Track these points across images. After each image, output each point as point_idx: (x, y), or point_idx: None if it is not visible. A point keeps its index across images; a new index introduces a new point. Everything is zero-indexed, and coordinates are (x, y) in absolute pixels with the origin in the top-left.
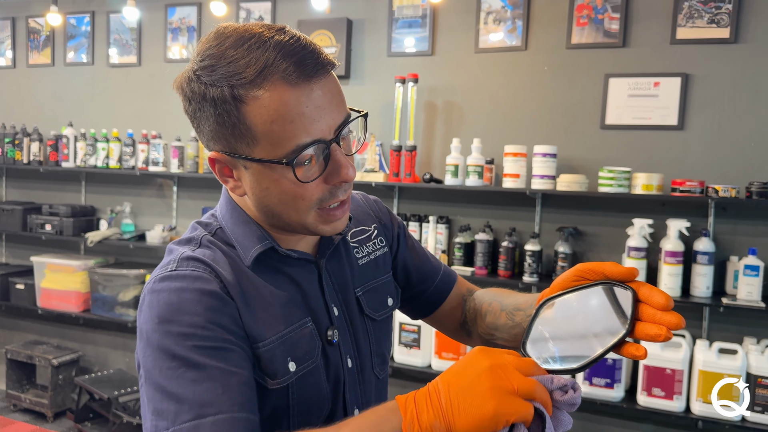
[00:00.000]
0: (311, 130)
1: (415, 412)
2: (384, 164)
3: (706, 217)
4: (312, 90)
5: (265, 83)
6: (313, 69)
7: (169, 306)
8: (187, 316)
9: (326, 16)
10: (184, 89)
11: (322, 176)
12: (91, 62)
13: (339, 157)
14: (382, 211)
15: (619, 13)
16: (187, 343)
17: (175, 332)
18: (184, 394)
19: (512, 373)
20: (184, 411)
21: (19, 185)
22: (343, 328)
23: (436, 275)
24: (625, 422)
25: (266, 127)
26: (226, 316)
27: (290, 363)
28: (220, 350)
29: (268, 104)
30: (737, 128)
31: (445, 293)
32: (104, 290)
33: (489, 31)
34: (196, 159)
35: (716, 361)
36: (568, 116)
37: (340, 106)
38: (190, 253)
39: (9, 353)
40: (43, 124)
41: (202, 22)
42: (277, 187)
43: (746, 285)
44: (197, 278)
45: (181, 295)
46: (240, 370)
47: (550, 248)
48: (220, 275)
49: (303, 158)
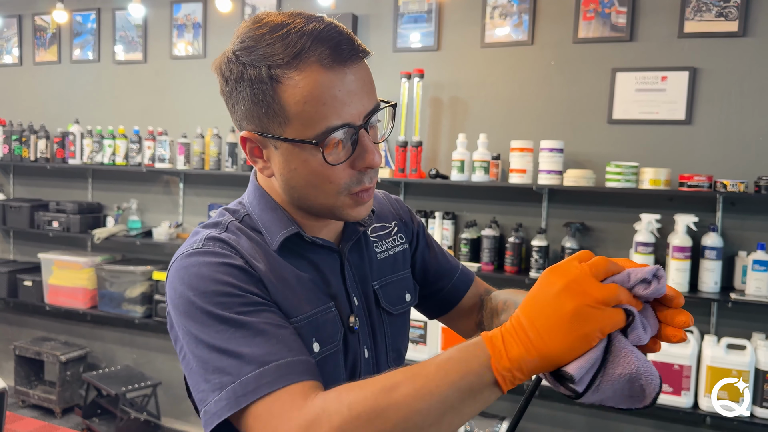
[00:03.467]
0: (342, 114)
1: (503, 348)
2: (390, 160)
3: (714, 212)
4: (345, 74)
5: (301, 65)
6: (348, 54)
7: (201, 277)
8: (221, 285)
9: (331, 12)
10: (222, 69)
11: (349, 160)
12: (97, 59)
13: (366, 142)
14: (403, 209)
15: (626, 7)
16: (229, 308)
17: (215, 300)
18: (242, 350)
19: (590, 284)
20: (245, 363)
21: (27, 182)
22: (362, 318)
23: (453, 274)
24: (632, 418)
25: (299, 107)
26: (254, 287)
27: (315, 344)
28: (261, 310)
29: (303, 85)
30: (746, 122)
31: (462, 292)
32: (111, 287)
33: (495, 25)
34: (202, 156)
35: (724, 356)
36: (574, 111)
37: (371, 94)
38: (216, 234)
39: (17, 349)
40: (49, 122)
41: (207, 18)
42: (306, 168)
43: (755, 280)
44: (223, 254)
45: (211, 268)
46: (286, 323)
47: (557, 244)
48: (244, 256)
49: (332, 141)
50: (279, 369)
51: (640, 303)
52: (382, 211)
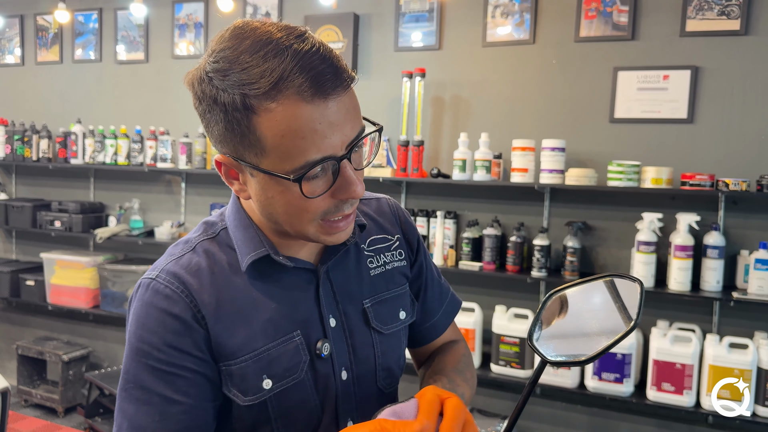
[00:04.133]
0: (322, 147)
1: None
2: (391, 159)
3: (716, 210)
4: (327, 107)
5: (279, 96)
6: (331, 85)
7: (138, 319)
8: (147, 334)
9: (333, 11)
10: (195, 88)
11: (329, 191)
12: (98, 59)
13: (348, 173)
14: (409, 225)
15: (628, 6)
16: (142, 361)
17: (136, 347)
18: (128, 412)
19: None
20: (124, 428)
21: (29, 182)
22: (339, 340)
23: (433, 316)
24: (634, 417)
25: (276, 140)
26: (187, 339)
27: (265, 381)
28: (170, 374)
29: (280, 118)
30: (748, 121)
31: (430, 338)
32: (113, 286)
33: (497, 24)
34: (204, 155)
35: (727, 355)
36: (576, 110)
37: (355, 121)
38: (173, 267)
39: (20, 349)
40: (51, 122)
41: (209, 18)
42: (282, 198)
43: (757, 279)
44: (166, 297)
45: (149, 311)
46: (184, 399)
47: (559, 243)
48: (193, 295)
49: (311, 174)
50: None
51: None
52: (387, 221)
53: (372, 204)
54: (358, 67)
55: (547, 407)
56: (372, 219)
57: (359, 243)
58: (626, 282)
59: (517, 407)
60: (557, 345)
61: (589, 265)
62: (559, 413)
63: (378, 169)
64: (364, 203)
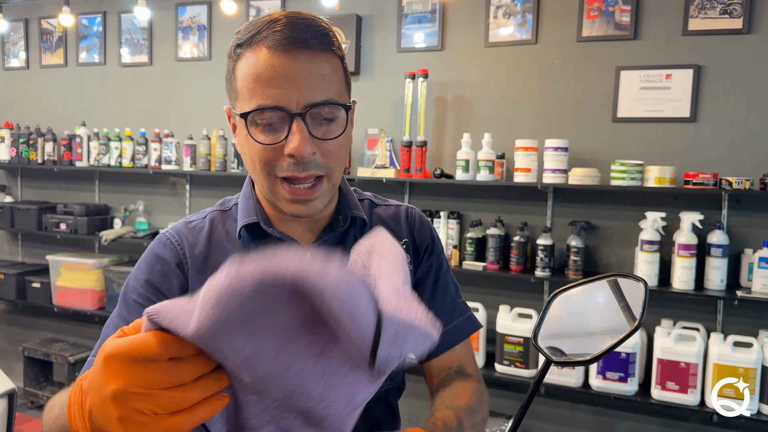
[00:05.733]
0: (273, 95)
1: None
2: (395, 160)
3: (719, 209)
4: (286, 60)
5: (254, 45)
6: (299, 41)
7: (139, 261)
8: (138, 272)
9: (335, 13)
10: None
11: (278, 144)
12: (103, 62)
13: (295, 130)
14: (421, 232)
15: (630, 5)
16: (128, 294)
17: (127, 283)
18: (108, 328)
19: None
20: (100, 341)
21: (34, 185)
22: None
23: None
24: (639, 416)
25: (241, 82)
26: (167, 282)
27: None
28: (143, 308)
29: (247, 62)
30: (751, 120)
31: (437, 352)
32: (119, 288)
33: (499, 25)
34: (208, 157)
35: (731, 354)
36: (579, 110)
37: (320, 88)
38: (181, 226)
39: (26, 351)
40: (56, 124)
41: (212, 20)
42: (246, 143)
43: (761, 277)
44: (164, 245)
45: (147, 255)
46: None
47: (563, 242)
48: (186, 248)
49: (262, 119)
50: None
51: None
52: (394, 224)
53: (390, 209)
54: (360, 68)
55: (551, 406)
56: (383, 222)
57: (358, 239)
58: (630, 281)
59: (523, 406)
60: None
61: (592, 264)
62: (564, 412)
63: (381, 169)
64: (382, 208)
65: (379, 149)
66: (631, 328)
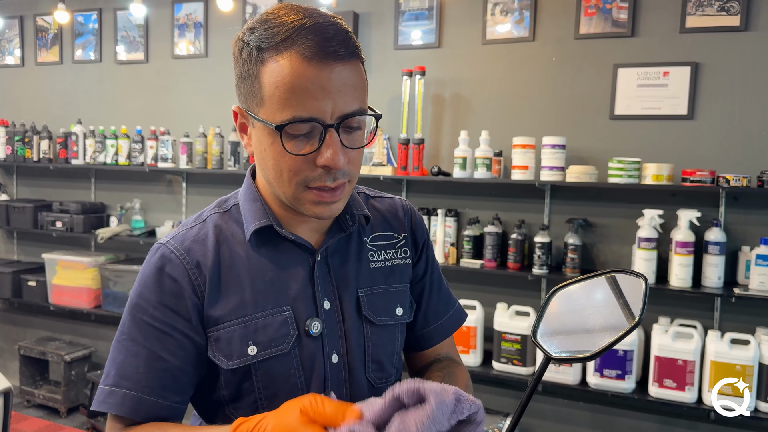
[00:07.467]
0: (309, 107)
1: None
2: (392, 158)
3: (717, 207)
4: (322, 70)
5: (285, 51)
6: (332, 53)
7: (141, 278)
8: (146, 291)
9: (332, 10)
10: (233, 46)
11: (311, 155)
12: (98, 59)
13: (330, 142)
14: (419, 227)
15: (628, 3)
16: (137, 316)
17: (134, 303)
18: (117, 360)
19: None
20: (111, 375)
21: (30, 183)
22: (332, 323)
23: (437, 320)
24: (636, 413)
25: (271, 90)
26: (181, 303)
27: (250, 347)
28: (160, 332)
29: (279, 70)
30: (748, 117)
31: (431, 343)
32: (115, 286)
33: (496, 22)
34: (204, 155)
35: (728, 351)
36: (576, 107)
37: (352, 98)
38: (182, 236)
39: (22, 350)
40: (52, 122)
41: (208, 17)
42: (271, 151)
43: (758, 275)
44: (170, 261)
45: (152, 272)
46: (169, 358)
47: (560, 240)
48: (195, 263)
49: (296, 131)
50: (124, 398)
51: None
52: (394, 219)
53: (385, 202)
54: None
55: (549, 404)
56: (381, 216)
57: (363, 236)
58: (630, 278)
59: (522, 404)
60: (561, 341)
61: (590, 262)
62: (561, 410)
63: (379, 167)
64: (377, 200)
65: (377, 147)
66: (631, 326)
